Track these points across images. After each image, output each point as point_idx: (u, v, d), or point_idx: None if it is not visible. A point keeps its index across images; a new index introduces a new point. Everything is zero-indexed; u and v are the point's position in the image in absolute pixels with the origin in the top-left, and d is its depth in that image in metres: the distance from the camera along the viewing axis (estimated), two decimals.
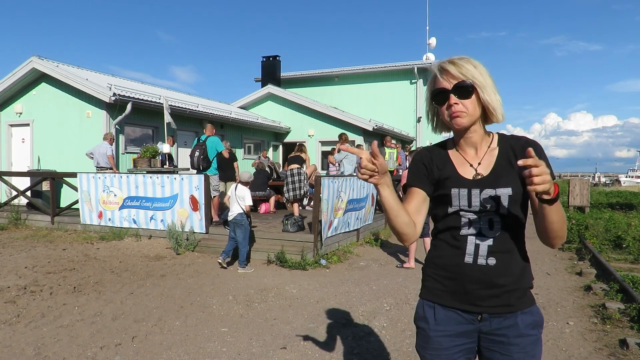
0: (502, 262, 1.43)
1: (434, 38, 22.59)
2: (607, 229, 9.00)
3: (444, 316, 1.48)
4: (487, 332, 1.46)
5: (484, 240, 1.43)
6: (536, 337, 1.45)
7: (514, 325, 1.43)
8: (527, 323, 1.43)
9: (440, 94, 1.42)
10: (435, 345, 1.48)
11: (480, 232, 1.44)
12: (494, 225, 1.43)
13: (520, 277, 1.45)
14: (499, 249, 1.43)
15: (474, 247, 1.43)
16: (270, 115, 16.54)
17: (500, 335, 1.44)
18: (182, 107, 11.42)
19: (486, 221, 1.43)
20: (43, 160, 10.86)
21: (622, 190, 28.52)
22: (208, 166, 8.09)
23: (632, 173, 73.02)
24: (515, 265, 1.44)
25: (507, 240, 1.44)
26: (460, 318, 1.47)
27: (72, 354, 3.51)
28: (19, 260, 6.33)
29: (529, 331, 1.43)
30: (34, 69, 10.57)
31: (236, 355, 3.53)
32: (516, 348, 1.42)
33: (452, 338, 1.47)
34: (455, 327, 1.47)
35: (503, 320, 1.43)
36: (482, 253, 1.43)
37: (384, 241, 8.80)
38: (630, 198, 18.06)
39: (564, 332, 4.07)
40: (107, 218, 8.36)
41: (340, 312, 4.56)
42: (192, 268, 6.31)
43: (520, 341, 1.42)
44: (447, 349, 1.47)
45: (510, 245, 1.44)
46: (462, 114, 1.39)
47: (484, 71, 1.41)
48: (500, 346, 1.44)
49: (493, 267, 1.42)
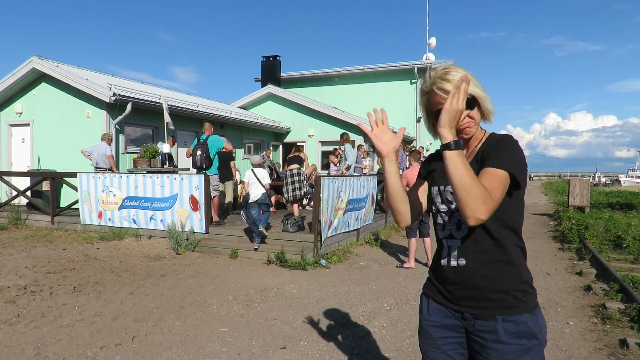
0: (473, 262, 1.45)
1: (434, 38, 22.61)
2: (607, 229, 9.00)
3: (435, 308, 1.57)
4: (470, 331, 1.49)
5: (454, 241, 1.50)
6: (523, 346, 1.39)
7: (493, 331, 1.41)
8: (510, 331, 1.40)
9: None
10: (426, 334, 1.59)
11: (450, 234, 1.51)
12: (461, 226, 1.48)
13: (500, 278, 1.42)
14: (469, 250, 1.46)
15: (447, 249, 1.52)
16: (270, 115, 16.54)
17: (480, 337, 1.46)
18: (182, 107, 11.42)
19: (454, 222, 1.50)
20: (43, 160, 10.86)
21: (622, 190, 28.53)
22: (210, 164, 8.11)
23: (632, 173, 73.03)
24: (490, 265, 1.43)
25: (478, 240, 1.44)
26: (447, 312, 1.54)
27: (72, 354, 3.51)
28: (19, 260, 6.33)
29: (511, 340, 1.39)
30: (34, 69, 10.57)
31: (236, 355, 3.53)
32: (495, 353, 1.41)
33: (439, 329, 1.55)
34: (443, 319, 1.55)
35: (484, 322, 1.44)
36: (453, 254, 1.49)
37: (384, 241, 8.80)
38: (630, 198, 18.07)
39: (564, 332, 4.08)
40: (107, 218, 8.36)
41: (340, 312, 4.56)
42: (192, 268, 6.31)
43: (499, 347, 1.40)
44: (435, 339, 1.56)
45: (482, 246, 1.43)
46: (471, 123, 1.47)
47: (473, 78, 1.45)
48: (480, 347, 1.46)
49: (464, 268, 1.46)
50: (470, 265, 1.45)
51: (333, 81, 19.91)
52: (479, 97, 1.45)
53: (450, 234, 1.51)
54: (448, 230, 1.52)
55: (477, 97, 1.44)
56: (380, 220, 10.10)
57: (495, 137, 1.49)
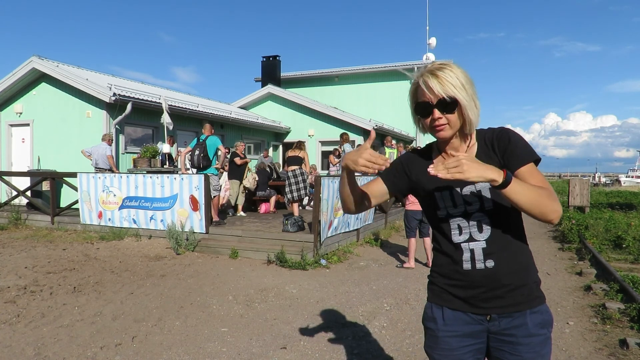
0: (501, 261, 1.43)
1: (434, 38, 22.60)
2: (607, 229, 9.00)
3: (452, 317, 1.49)
4: (495, 332, 1.46)
5: (477, 244, 1.44)
6: (545, 336, 1.44)
7: (523, 325, 1.42)
8: (537, 322, 1.43)
9: (424, 108, 1.42)
10: (444, 346, 1.49)
11: (471, 237, 1.45)
12: (483, 227, 1.44)
13: (525, 272, 1.45)
14: (495, 250, 1.43)
15: (470, 253, 1.45)
16: (270, 115, 16.54)
17: (509, 335, 1.44)
18: (182, 107, 11.42)
19: (475, 225, 1.45)
20: (43, 160, 10.86)
21: (622, 190, 28.51)
22: (208, 165, 8.12)
23: (632, 173, 72.97)
24: (515, 261, 1.44)
25: (501, 238, 1.44)
26: (468, 319, 1.47)
27: (72, 354, 3.51)
28: (19, 260, 6.33)
29: (538, 331, 1.43)
30: (34, 69, 10.58)
31: (236, 355, 3.53)
32: (525, 348, 1.42)
33: (460, 338, 1.48)
34: (464, 327, 1.48)
35: (512, 320, 1.43)
36: (478, 257, 1.44)
37: (384, 241, 8.80)
38: (630, 198, 18.06)
39: (564, 332, 4.07)
40: (107, 218, 8.36)
41: (340, 312, 4.56)
42: (192, 268, 6.31)
43: (529, 341, 1.42)
44: (455, 349, 1.48)
45: (505, 243, 1.44)
46: (445, 127, 1.41)
47: (466, 81, 1.38)
48: (510, 346, 1.44)
49: (493, 269, 1.43)
50: (498, 265, 1.42)
51: (333, 81, 19.91)
52: (461, 103, 1.37)
53: (470, 237, 1.45)
54: (467, 234, 1.45)
55: (460, 102, 1.37)
56: (380, 220, 10.10)
57: (496, 134, 1.45)
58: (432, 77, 1.38)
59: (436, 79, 1.37)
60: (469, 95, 1.38)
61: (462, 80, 1.38)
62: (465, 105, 1.38)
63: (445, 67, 1.39)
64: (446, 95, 1.36)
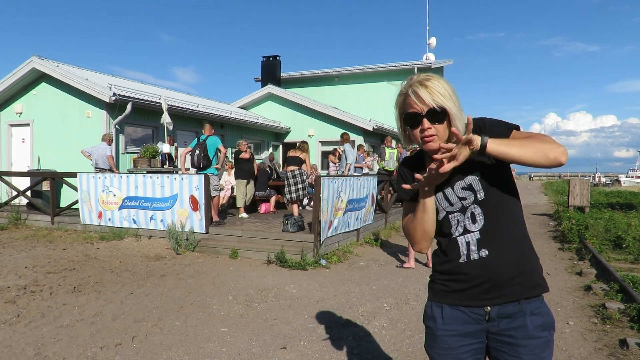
0: (496, 250, 1.44)
1: (434, 38, 22.60)
2: (607, 229, 8.99)
3: (452, 315, 1.51)
4: (495, 332, 1.46)
5: (472, 235, 1.46)
6: (546, 339, 1.44)
7: (522, 327, 1.43)
8: (537, 325, 1.43)
9: (413, 117, 1.42)
10: (443, 345, 1.51)
11: (465, 230, 1.48)
12: (476, 218, 1.46)
13: (522, 260, 1.45)
14: (489, 239, 1.45)
15: (465, 245, 1.47)
16: (271, 115, 16.54)
17: (508, 337, 1.44)
18: (182, 107, 11.42)
19: (468, 217, 1.47)
20: (43, 160, 10.86)
21: (622, 190, 28.50)
22: (208, 165, 8.13)
23: (632, 173, 72.98)
24: (511, 249, 1.45)
25: (495, 227, 1.45)
26: (467, 318, 1.48)
27: (72, 354, 3.51)
28: (19, 260, 6.33)
29: (539, 333, 1.43)
30: (34, 69, 10.57)
31: (236, 355, 3.53)
32: (524, 350, 1.42)
33: (459, 338, 1.49)
34: (463, 326, 1.49)
35: (511, 321, 1.44)
36: (472, 248, 1.46)
37: (384, 241, 8.80)
38: (630, 198, 18.05)
39: (564, 332, 4.07)
40: (107, 218, 8.36)
41: (340, 312, 4.56)
42: (192, 268, 6.31)
43: (528, 343, 1.42)
44: (454, 348, 1.49)
45: (500, 232, 1.45)
46: (434, 138, 1.41)
47: (452, 92, 1.41)
48: (509, 347, 1.44)
49: (487, 258, 1.44)
50: (492, 254, 1.44)
51: (333, 81, 19.90)
52: (450, 113, 1.38)
53: (465, 229, 1.47)
54: (462, 227, 1.48)
55: (449, 112, 1.38)
56: (380, 220, 10.10)
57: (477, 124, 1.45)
58: (422, 87, 1.40)
59: (425, 89, 1.39)
60: (456, 105, 1.41)
61: (449, 91, 1.40)
62: (455, 114, 1.39)
63: (431, 78, 1.42)
64: (436, 105, 1.37)
